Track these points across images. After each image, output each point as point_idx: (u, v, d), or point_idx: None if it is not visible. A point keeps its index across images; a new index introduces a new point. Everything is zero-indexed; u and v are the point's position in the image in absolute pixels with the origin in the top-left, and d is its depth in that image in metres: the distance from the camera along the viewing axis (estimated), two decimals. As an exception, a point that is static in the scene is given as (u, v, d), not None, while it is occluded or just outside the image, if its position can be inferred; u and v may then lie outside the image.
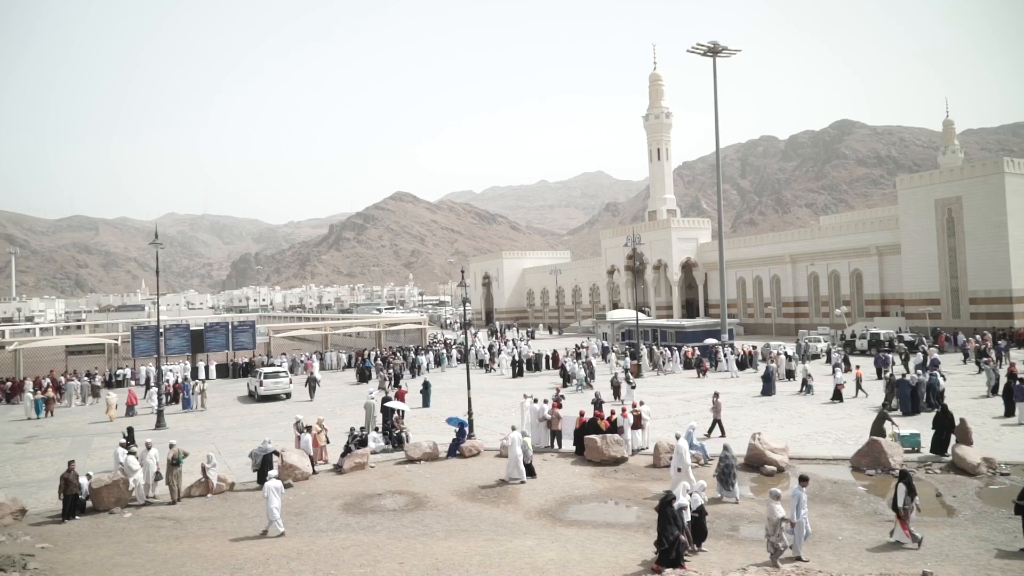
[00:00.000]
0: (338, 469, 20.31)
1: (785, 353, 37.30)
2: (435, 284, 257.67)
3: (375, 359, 48.52)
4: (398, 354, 50.53)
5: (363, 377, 43.13)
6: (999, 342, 39.31)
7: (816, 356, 42.70)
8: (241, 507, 17.27)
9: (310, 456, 20.38)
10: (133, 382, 45.69)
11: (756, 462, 18.66)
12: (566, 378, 36.58)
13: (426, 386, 32.98)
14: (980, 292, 48.65)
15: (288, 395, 37.01)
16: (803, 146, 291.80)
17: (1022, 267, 47.82)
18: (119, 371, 47.84)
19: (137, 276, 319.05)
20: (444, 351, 52.21)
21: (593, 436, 20.36)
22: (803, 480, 12.96)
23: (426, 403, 31.90)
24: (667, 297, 76.57)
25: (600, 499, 16.91)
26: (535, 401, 23.42)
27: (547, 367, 44.54)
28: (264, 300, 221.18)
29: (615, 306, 78.43)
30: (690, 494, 13.08)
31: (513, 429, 19.23)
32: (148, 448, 18.64)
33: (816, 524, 14.15)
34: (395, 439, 22.97)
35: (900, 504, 12.85)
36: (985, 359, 32.47)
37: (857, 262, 59.16)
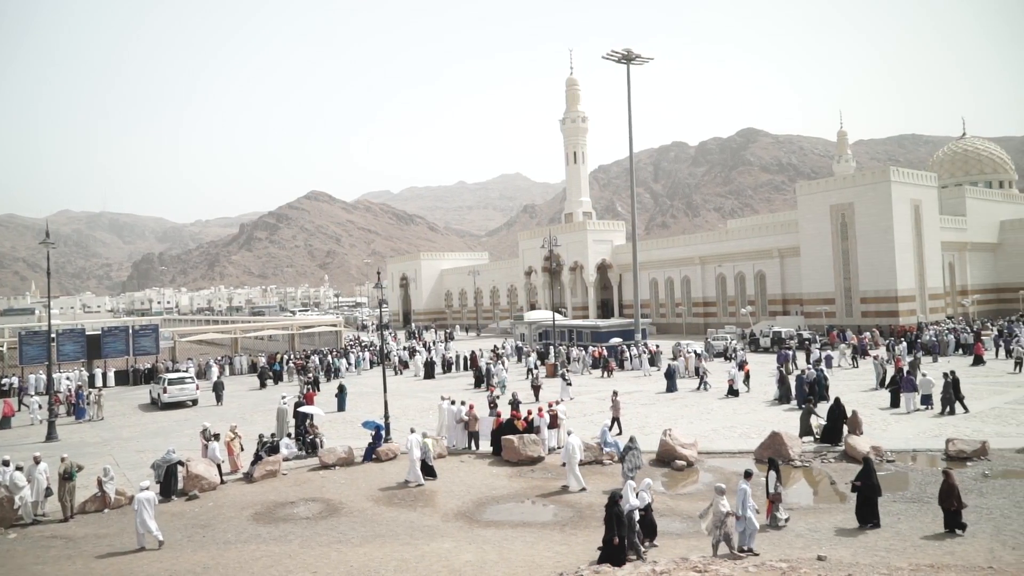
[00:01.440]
0: (248, 478, 19.60)
1: (695, 352, 38.71)
2: (351, 285, 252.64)
3: (286, 363, 47.19)
4: (312, 357, 49.28)
5: (264, 381, 41.89)
6: (890, 339, 42.25)
7: (721, 354, 44.58)
8: (142, 521, 16.38)
9: (218, 465, 19.59)
10: (21, 392, 42.55)
11: (667, 457, 19.28)
12: (479, 380, 36.60)
13: (341, 389, 32.31)
14: (870, 292, 52.04)
15: (194, 402, 35.45)
16: (712, 152, 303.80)
17: (906, 269, 51.51)
18: (4, 379, 44.45)
19: (26, 278, 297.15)
20: (360, 353, 51.29)
21: (510, 436, 20.50)
22: (747, 475, 13.37)
23: (341, 407, 31.26)
24: (583, 298, 78.01)
25: (517, 499, 17.04)
26: (452, 403, 23.37)
27: (464, 368, 44.54)
28: (169, 303, 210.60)
29: (533, 307, 79.29)
30: (637, 493, 13.06)
31: (412, 431, 19.15)
32: (37, 462, 17.38)
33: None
34: (309, 445, 22.38)
35: (771, 490, 13.87)
36: (875, 355, 34.72)
37: (761, 264, 62.14)
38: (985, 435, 20.04)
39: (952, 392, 24.11)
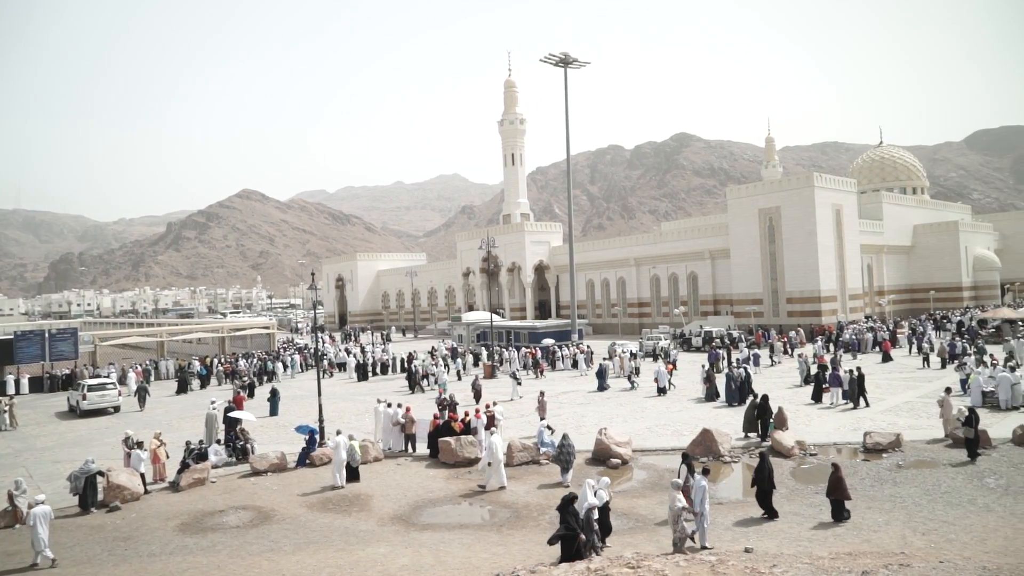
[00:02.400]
0: (174, 487, 18.90)
1: (630, 351, 39.46)
2: (285, 287, 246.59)
3: (215, 366, 45.78)
4: (243, 360, 47.90)
5: (185, 386, 40.52)
6: (817, 338, 44.09)
7: (654, 354, 45.58)
8: (58, 536, 15.57)
9: (142, 475, 18.80)
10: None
11: (603, 456, 19.57)
12: (414, 382, 36.31)
13: (274, 393, 31.51)
14: (795, 292, 54.14)
15: (116, 409, 33.92)
16: (647, 156, 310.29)
17: (828, 270, 53.82)
18: (-96, 388, 41.50)
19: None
20: (294, 356, 50.14)
21: (447, 438, 20.44)
22: (706, 472, 13.75)
23: (274, 411, 30.50)
24: (521, 299, 78.41)
25: (454, 501, 16.99)
26: (388, 405, 23.13)
27: (401, 370, 44.13)
28: (90, 305, 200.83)
29: (471, 308, 79.19)
30: (595, 492, 13.09)
31: (338, 433, 18.92)
32: (-59, 475, 16.32)
33: (655, 511, 15.12)
34: (239, 451, 21.74)
35: (682, 481, 14.20)
36: (799, 353, 36.16)
37: (693, 265, 63.81)
38: (899, 428, 21.16)
39: (856, 387, 25.46)
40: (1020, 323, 42.72)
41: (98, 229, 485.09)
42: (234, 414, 23.71)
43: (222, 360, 49.24)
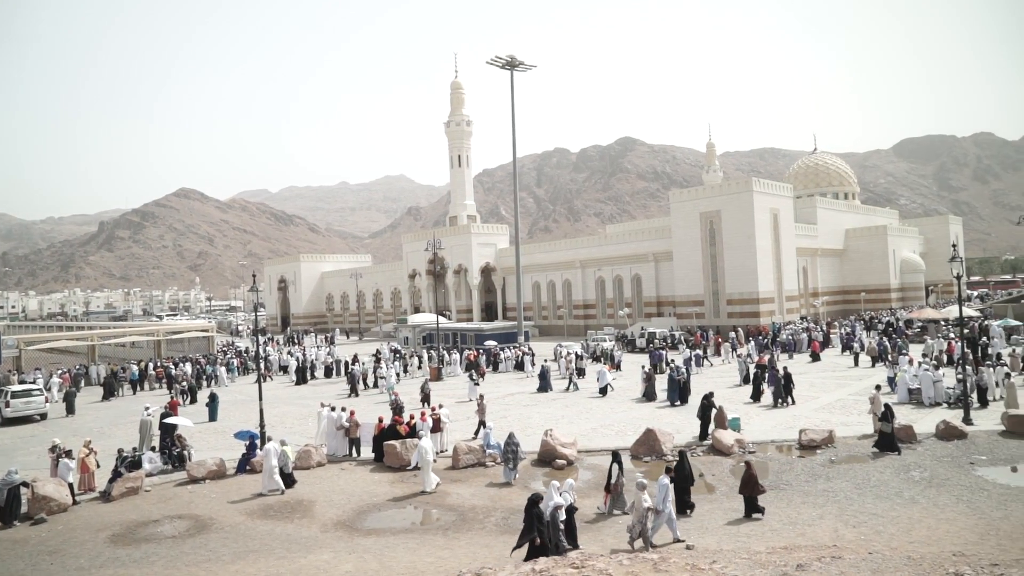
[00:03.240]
0: (105, 496, 18.14)
1: (575, 353, 39.82)
2: (225, 288, 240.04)
3: (147, 370, 44.23)
4: (180, 365, 46.39)
5: (111, 392, 39.05)
6: (759, 337, 45.36)
7: (598, 357, 46.14)
8: (-22, 551, 14.78)
9: (70, 485, 17.98)
10: None
11: (548, 457, 19.69)
12: (355, 385, 35.84)
13: (213, 398, 30.59)
14: (735, 294, 55.65)
15: (43, 416, 32.36)
16: (592, 159, 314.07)
17: (766, 273, 55.51)
18: None
19: None
20: (234, 360, 48.84)
21: (392, 442, 20.22)
22: (668, 471, 13.94)
23: (213, 417, 29.60)
24: (467, 301, 78.27)
25: (399, 505, 16.83)
26: (332, 409, 22.75)
27: (343, 373, 43.50)
28: (14, 307, 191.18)
29: (417, 310, 78.66)
30: (560, 493, 13.06)
31: (269, 439, 18.57)
32: None
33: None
34: (175, 458, 21.03)
35: (613, 481, 14.87)
36: (739, 353, 37.15)
37: (637, 267, 64.88)
38: (832, 425, 21.96)
39: (783, 386, 26.44)
40: (943, 323, 44.87)
41: (24, 228, 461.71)
42: (170, 420, 22.92)
43: (156, 364, 47.57)
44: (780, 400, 26.44)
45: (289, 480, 18.32)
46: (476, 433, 23.06)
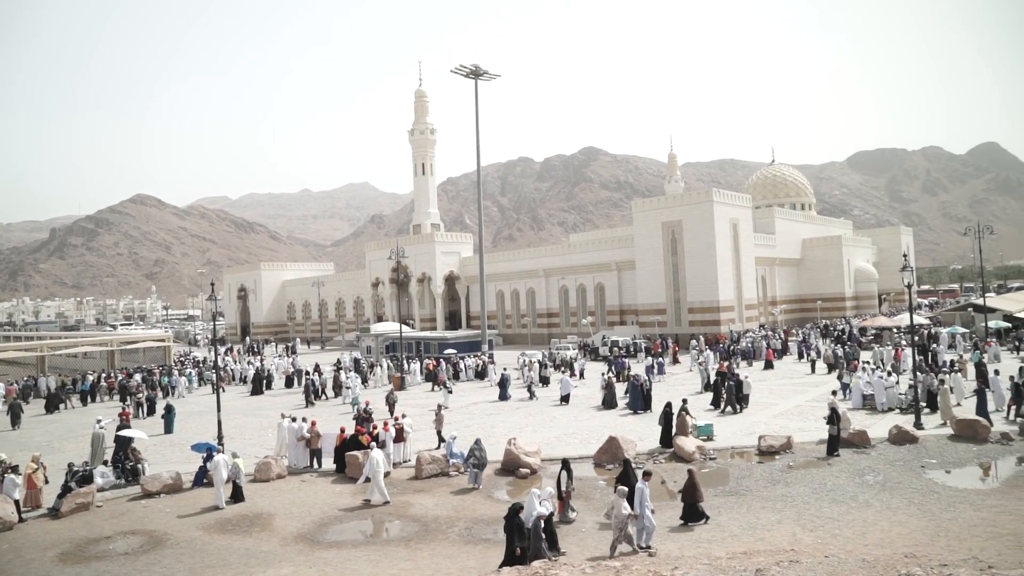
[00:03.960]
0: (54, 513, 17.53)
1: (538, 361, 39.92)
2: (183, 297, 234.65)
3: (99, 382, 43.04)
4: (135, 375, 45.18)
5: (55, 405, 37.87)
6: (718, 345, 46.06)
7: (560, 365, 46.31)
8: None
9: (16, 501, 17.33)
10: None
11: (512, 466, 19.67)
12: (309, 396, 35.34)
13: (169, 410, 29.85)
14: (696, 303, 56.45)
15: (-12, 430, 31.19)
16: (556, 169, 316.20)
17: (726, 282, 56.47)
18: None
19: None
20: (191, 370, 47.79)
21: (355, 452, 19.97)
22: (646, 475, 13.92)
23: (169, 429, 28.89)
24: (431, 309, 77.91)
25: (361, 517, 16.62)
26: (293, 420, 22.39)
27: (303, 383, 42.91)
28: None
29: (380, 319, 77.94)
30: (540, 502, 12.99)
31: (220, 451, 18.22)
32: None
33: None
34: (129, 472, 20.44)
35: (563, 487, 14.97)
36: (700, 361, 37.66)
37: (600, 276, 65.39)
38: (790, 431, 22.39)
39: (735, 393, 27.10)
40: (894, 330, 46.18)
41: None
42: (125, 432, 22.27)
43: (109, 375, 46.25)
44: (730, 408, 26.99)
45: (239, 494, 17.96)
46: (439, 444, 22.97)
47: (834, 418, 19.91)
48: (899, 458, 19.13)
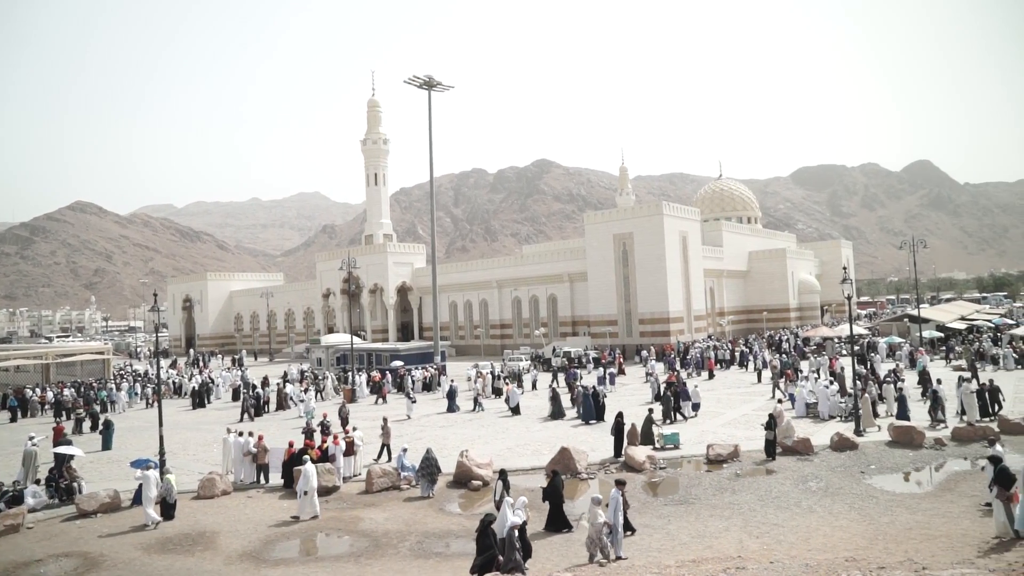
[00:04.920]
0: (-19, 535, 16.66)
1: (491, 373, 39.88)
2: (124, 308, 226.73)
3: (29, 397, 41.25)
4: (71, 390, 43.40)
5: None
6: (667, 356, 46.79)
7: (508, 377, 46.34)
8: None
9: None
10: None
11: (464, 478, 19.55)
12: (247, 409, 34.44)
13: (107, 425, 28.75)
14: (647, 314, 57.30)
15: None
16: (509, 180, 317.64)
17: (676, 293, 57.51)
18: None
19: None
20: (132, 384, 46.18)
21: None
22: (620, 484, 13.90)
23: (107, 445, 27.82)
24: (383, 320, 77.13)
25: (310, 533, 16.28)
26: (240, 434, 21.83)
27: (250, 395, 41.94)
28: None
29: (331, 330, 76.75)
30: (515, 511, 12.85)
31: (149, 468, 17.68)
32: None
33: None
34: (64, 491, 19.59)
35: (496, 498, 15.16)
36: (649, 372, 38.18)
37: (553, 288, 65.82)
38: (737, 439, 22.85)
39: (673, 404, 27.95)
40: (836, 340, 47.71)
41: None
42: (60, 449, 21.34)
43: (41, 389, 44.34)
44: (670, 419, 27.55)
45: (170, 511, 17.40)
46: (379, 456, 22.75)
47: (771, 424, 20.58)
48: (840, 464, 19.72)
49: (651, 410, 25.16)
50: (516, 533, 12.36)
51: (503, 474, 15.81)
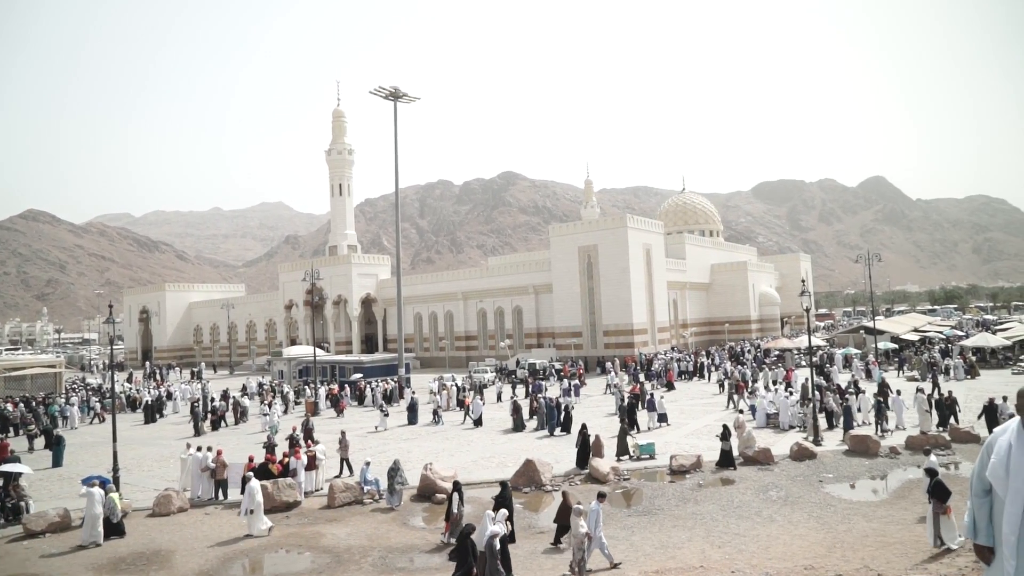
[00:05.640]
0: (-79, 558, 15.95)
1: (456, 385, 39.71)
2: (78, 320, 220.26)
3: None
4: (20, 405, 41.92)
5: None
6: (629, 367, 47.13)
7: (485, 387, 46.35)
8: None
9: None
10: None
11: (428, 492, 19.38)
12: (197, 423, 33.65)
13: (58, 441, 27.82)
14: (611, 325, 57.74)
15: None
16: (475, 192, 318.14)
17: (640, 305, 58.11)
18: None
19: None
20: (85, 398, 44.82)
21: (264, 482, 19.17)
22: (600, 496, 13.93)
23: (58, 462, 26.92)
24: (347, 332, 76.34)
25: (270, 549, 15.94)
26: (199, 449, 21.32)
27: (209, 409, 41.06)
28: None
29: (293, 342, 75.71)
30: (495, 522, 12.76)
31: (93, 486, 17.20)
32: None
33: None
34: (11, 511, 18.86)
35: (454, 510, 15.13)
36: (614, 383, 38.43)
37: (518, 300, 65.94)
38: (700, 449, 23.10)
39: (625, 415, 28.12)
40: (795, 351, 48.66)
41: None
42: (7, 467, 20.56)
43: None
44: (637, 428, 27.85)
45: (115, 530, 16.88)
46: (340, 472, 22.44)
47: (726, 434, 20.96)
48: (800, 474, 20.07)
49: (623, 420, 25.40)
50: (497, 544, 12.29)
51: (457, 486, 15.76)
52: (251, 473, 18.19)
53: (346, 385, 43.56)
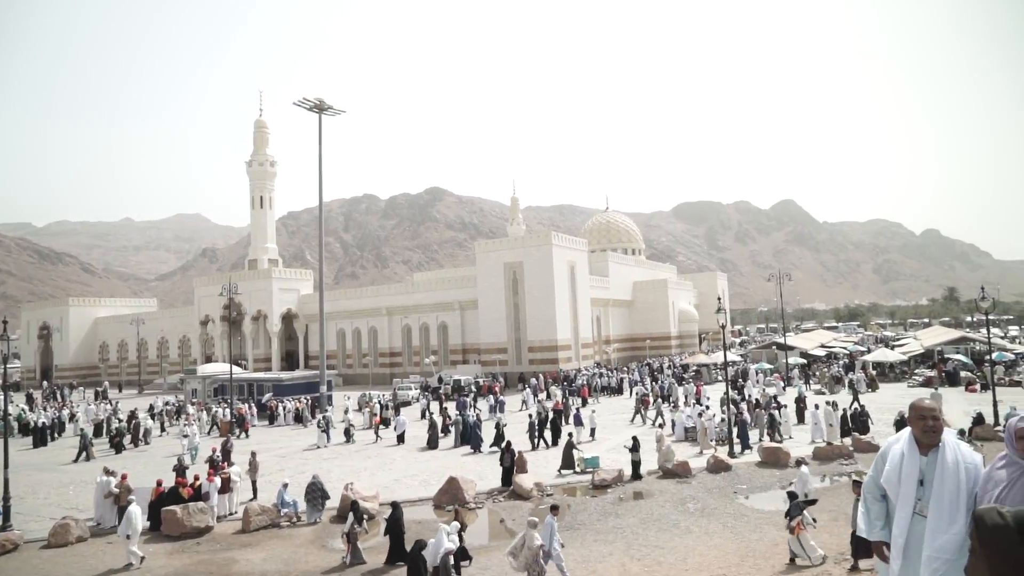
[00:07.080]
0: None
1: (379, 402, 39.05)
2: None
3: None
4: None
5: None
6: (561, 383, 47.56)
7: (407, 403, 45.76)
8: None
9: None
10: None
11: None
12: (85, 448, 31.62)
13: (-58, 468, 25.66)
14: (536, 341, 58.24)
15: None
16: (401, 207, 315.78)
17: (564, 321, 58.90)
18: None
19: None
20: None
21: (172, 507, 18.26)
22: (554, 509, 13.71)
23: (-60, 491, 24.78)
24: (266, 349, 74.03)
25: (178, 578, 15.17)
26: (108, 473, 20.11)
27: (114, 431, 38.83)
28: None
29: (209, 359, 72.72)
30: (448, 535, 12.61)
31: None
32: None
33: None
34: None
35: (347, 529, 15.21)
36: (539, 399, 38.72)
37: (444, 315, 65.66)
38: (622, 464, 23.51)
39: (552, 427, 29.05)
40: (712, 366, 50.37)
41: None
42: None
43: None
44: (547, 442, 28.26)
45: None
46: (255, 495, 21.66)
47: (636, 446, 21.97)
48: (716, 485, 20.72)
49: (571, 434, 25.53)
50: (451, 560, 12.29)
51: (355, 505, 15.69)
52: (133, 497, 17.26)
53: (252, 404, 42.11)
